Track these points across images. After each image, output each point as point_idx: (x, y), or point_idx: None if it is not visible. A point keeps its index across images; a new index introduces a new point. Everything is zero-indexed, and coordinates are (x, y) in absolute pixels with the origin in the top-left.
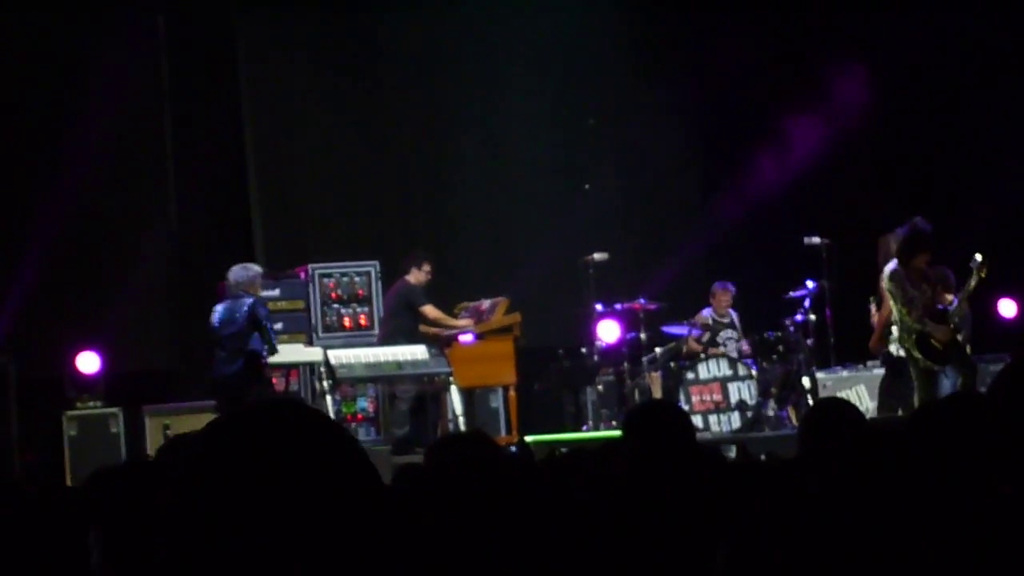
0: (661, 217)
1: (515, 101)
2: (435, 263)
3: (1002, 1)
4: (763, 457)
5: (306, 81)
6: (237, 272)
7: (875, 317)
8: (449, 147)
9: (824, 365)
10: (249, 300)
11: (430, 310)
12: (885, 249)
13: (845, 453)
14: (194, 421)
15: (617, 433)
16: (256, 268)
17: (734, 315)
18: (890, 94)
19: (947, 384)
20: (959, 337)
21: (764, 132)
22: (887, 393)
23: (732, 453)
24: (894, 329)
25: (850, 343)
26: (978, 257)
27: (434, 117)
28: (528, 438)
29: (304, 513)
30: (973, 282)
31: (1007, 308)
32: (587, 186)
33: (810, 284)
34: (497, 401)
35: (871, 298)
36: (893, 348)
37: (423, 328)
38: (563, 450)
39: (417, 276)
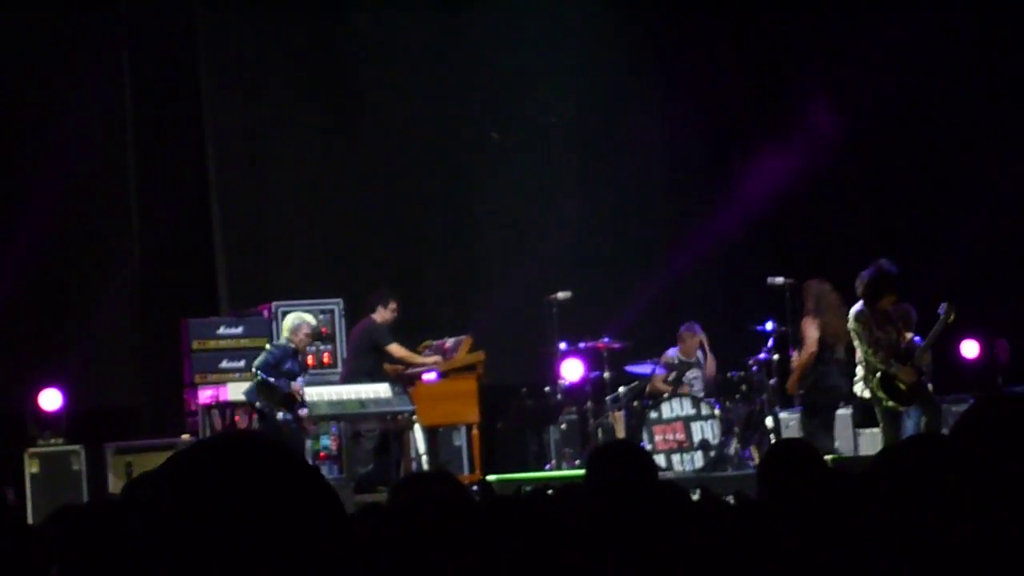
0: (625, 256)
1: (479, 140)
2: (400, 302)
3: (969, 42)
4: (730, 498)
5: (271, 118)
6: None
7: (794, 361)
8: (413, 185)
9: (787, 405)
10: None
11: (396, 348)
12: (812, 293)
13: (806, 495)
14: (157, 459)
15: (580, 472)
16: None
17: (702, 357)
18: (855, 135)
19: (911, 425)
20: (923, 378)
21: (729, 171)
22: (810, 435)
23: (695, 495)
24: (859, 369)
25: None
26: (945, 305)
27: (399, 155)
28: (491, 477)
29: (268, 546)
30: (939, 328)
31: (969, 349)
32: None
33: (769, 325)
34: (460, 439)
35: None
36: (858, 388)
37: (387, 366)
38: (527, 489)
39: (383, 315)
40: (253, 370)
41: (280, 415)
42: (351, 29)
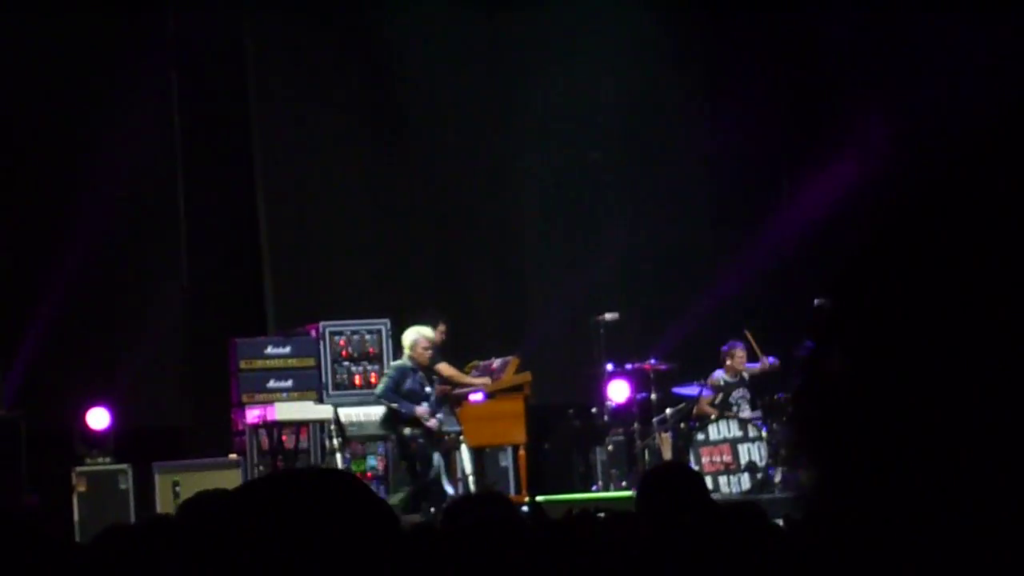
0: (672, 277)
1: (527, 160)
2: (448, 322)
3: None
4: (780, 521)
5: (319, 137)
6: None
7: None
8: (461, 206)
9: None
10: None
11: (445, 367)
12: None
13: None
14: (204, 478)
15: (627, 494)
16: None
17: (748, 369)
18: (909, 148)
19: None
20: None
21: (778, 190)
22: None
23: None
24: None
25: None
26: None
27: (446, 176)
28: (538, 498)
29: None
30: None
31: None
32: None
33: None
34: (506, 460)
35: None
36: None
37: (437, 386)
38: (576, 510)
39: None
40: (376, 398)
41: (408, 431)
42: (397, 49)
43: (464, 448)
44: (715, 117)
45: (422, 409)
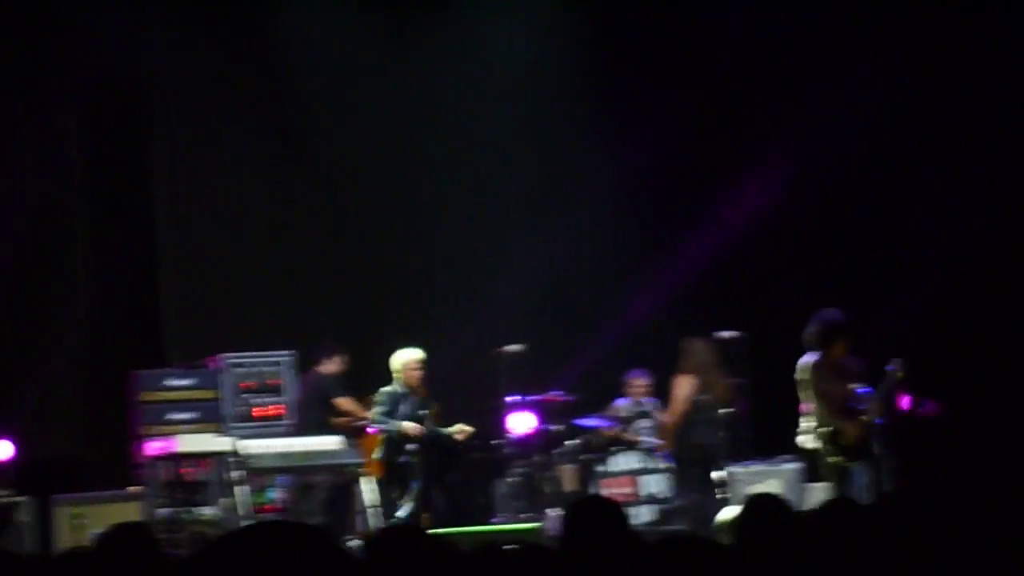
0: (575, 309)
1: (429, 190)
2: (348, 354)
3: (924, 94)
4: None
5: (220, 167)
6: None
7: (666, 416)
8: (364, 235)
9: (738, 458)
10: None
11: (344, 402)
12: (691, 352)
13: (779, 547)
14: (105, 511)
15: (530, 526)
16: None
17: (648, 403)
18: (805, 186)
19: (860, 480)
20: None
21: (680, 224)
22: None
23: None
24: (803, 422)
25: (765, 437)
26: (896, 362)
27: (349, 205)
28: (440, 531)
29: None
30: (888, 386)
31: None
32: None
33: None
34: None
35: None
36: (800, 440)
37: (334, 420)
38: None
39: (328, 367)
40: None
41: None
42: (300, 77)
43: (363, 481)
44: (620, 146)
45: (408, 425)
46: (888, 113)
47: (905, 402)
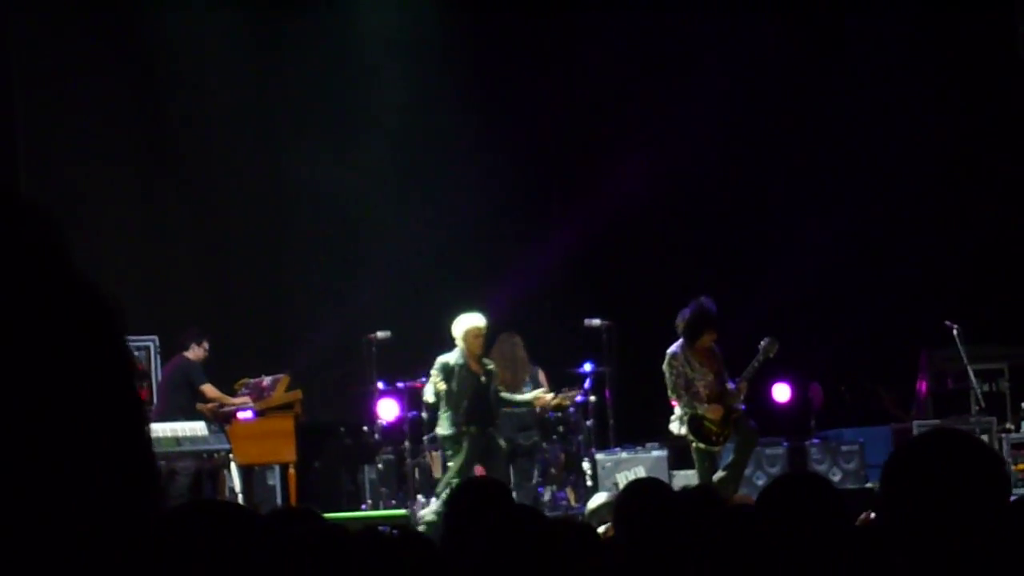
0: (444, 296)
1: (299, 175)
2: (211, 340)
3: (788, 88)
4: None
5: (84, 152)
6: None
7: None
8: (230, 221)
9: (603, 446)
10: None
11: (209, 389)
12: (502, 344)
13: (660, 531)
14: None
15: (399, 512)
16: None
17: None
18: (673, 176)
19: (723, 465)
20: (734, 415)
21: (548, 213)
22: None
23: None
24: (676, 409)
25: (629, 425)
26: (767, 340)
27: (214, 190)
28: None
29: None
30: (758, 362)
31: (781, 393)
32: None
33: (588, 367)
34: (274, 478)
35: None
36: (673, 427)
37: (199, 405)
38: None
39: (196, 353)
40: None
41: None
42: (167, 63)
43: (233, 466)
44: (487, 137)
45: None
46: (754, 107)
47: (788, 390)
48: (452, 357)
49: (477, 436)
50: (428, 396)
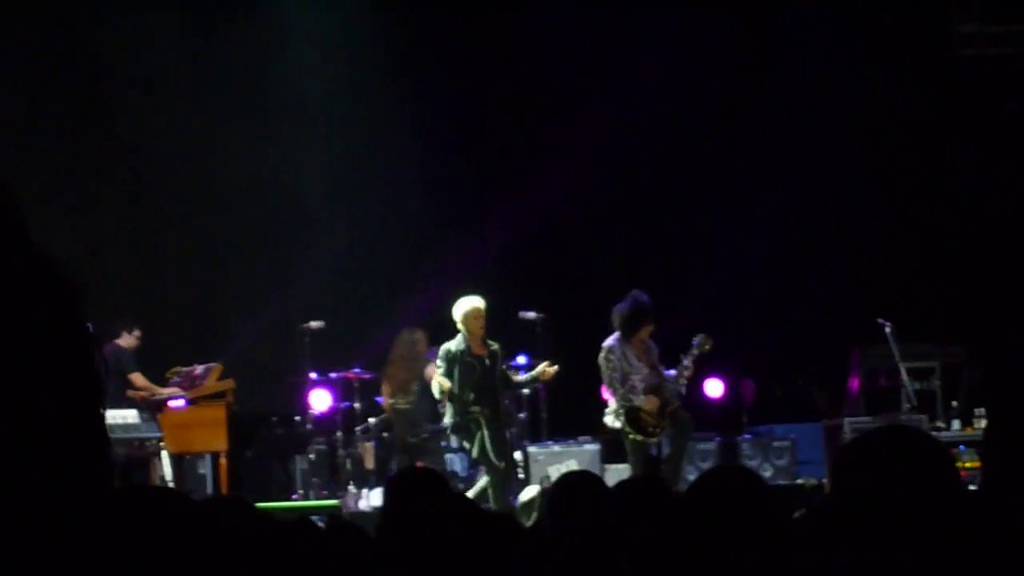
0: (377, 287)
1: (232, 163)
2: (144, 328)
3: (723, 91)
4: None
5: (16, 132)
6: None
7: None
8: (162, 209)
9: (536, 439)
10: None
11: (138, 378)
12: (401, 341)
13: (592, 524)
14: None
15: (331, 502)
16: None
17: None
18: (608, 172)
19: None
20: (669, 408)
21: (483, 205)
22: None
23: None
24: (611, 402)
25: (562, 418)
26: (700, 336)
27: (147, 178)
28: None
29: None
30: (691, 359)
31: (714, 388)
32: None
33: (522, 359)
34: (205, 467)
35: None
36: (608, 420)
37: (130, 393)
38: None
39: (127, 340)
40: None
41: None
42: (104, 46)
43: (164, 454)
44: (424, 127)
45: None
46: (689, 104)
47: (720, 386)
48: (454, 343)
49: (488, 418)
50: (435, 391)
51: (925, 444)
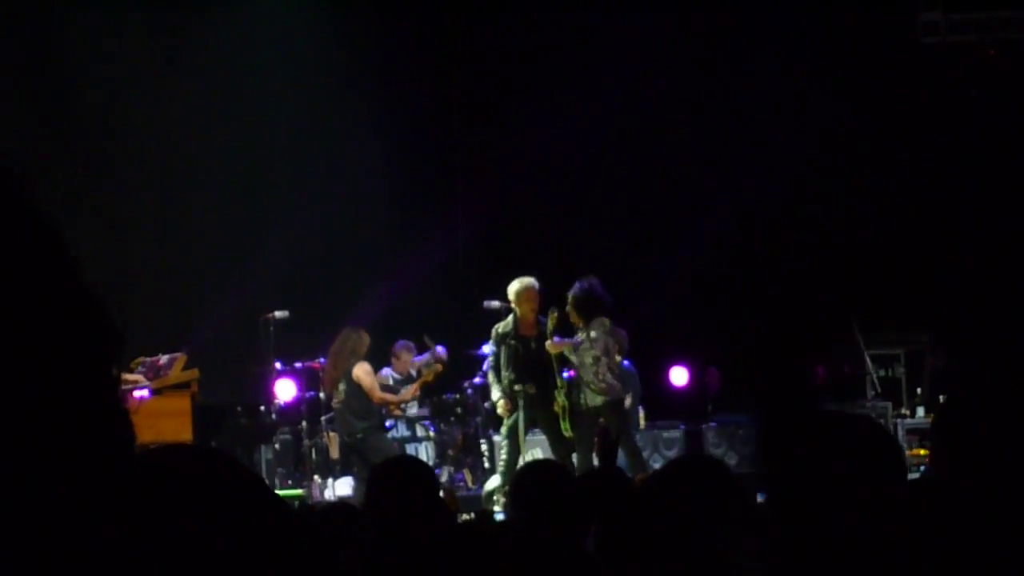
0: (342, 276)
1: (196, 153)
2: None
3: (680, 75)
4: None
5: None
6: None
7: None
8: (127, 197)
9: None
10: None
11: None
12: (346, 341)
13: (555, 512)
14: None
15: (296, 492)
16: None
17: (416, 364)
18: (570, 161)
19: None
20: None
21: (449, 194)
22: None
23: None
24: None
25: None
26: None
27: (111, 166)
28: None
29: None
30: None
31: (679, 377)
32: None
33: (486, 348)
34: None
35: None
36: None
37: None
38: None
39: None
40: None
41: None
42: (72, 45)
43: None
44: (387, 119)
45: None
46: (651, 95)
47: (685, 374)
48: (502, 324)
49: (534, 396)
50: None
51: (869, 431)
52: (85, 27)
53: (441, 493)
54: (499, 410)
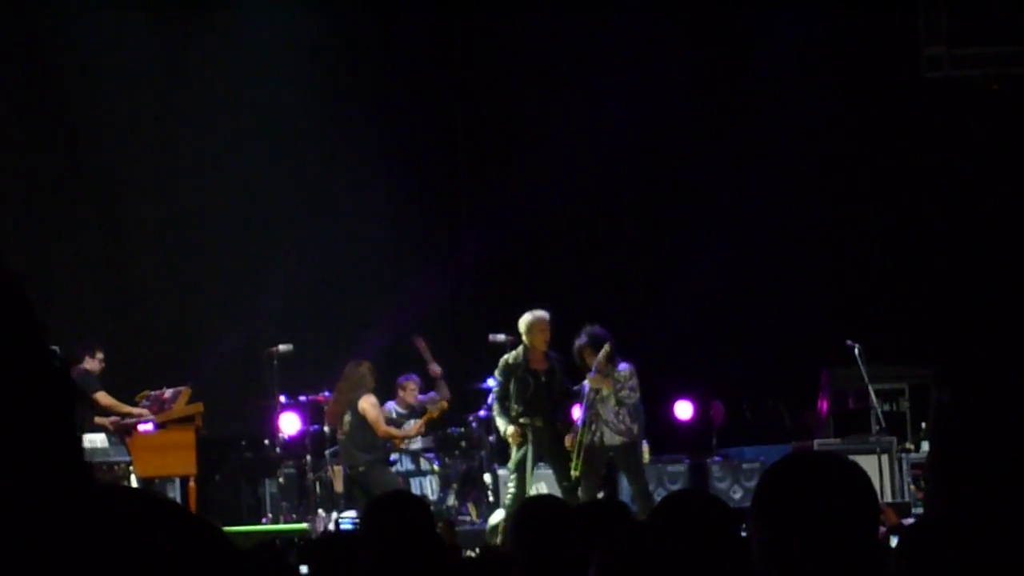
0: (347, 309)
1: (198, 183)
2: (112, 352)
3: (691, 117)
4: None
5: None
6: None
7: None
8: (133, 232)
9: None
10: None
11: (103, 397)
12: (352, 374)
13: (555, 547)
14: None
15: (299, 526)
16: None
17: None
18: (577, 195)
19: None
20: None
21: (455, 227)
22: None
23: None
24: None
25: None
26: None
27: (116, 200)
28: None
29: None
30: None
31: (683, 410)
32: None
33: (491, 382)
34: (174, 491)
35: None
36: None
37: (98, 419)
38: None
39: (91, 364)
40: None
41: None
42: (68, 63)
43: (133, 479)
44: (395, 147)
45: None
46: (655, 126)
47: (690, 408)
48: (512, 356)
49: (542, 430)
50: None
51: (842, 472)
52: (84, 34)
53: (439, 528)
54: (509, 439)
